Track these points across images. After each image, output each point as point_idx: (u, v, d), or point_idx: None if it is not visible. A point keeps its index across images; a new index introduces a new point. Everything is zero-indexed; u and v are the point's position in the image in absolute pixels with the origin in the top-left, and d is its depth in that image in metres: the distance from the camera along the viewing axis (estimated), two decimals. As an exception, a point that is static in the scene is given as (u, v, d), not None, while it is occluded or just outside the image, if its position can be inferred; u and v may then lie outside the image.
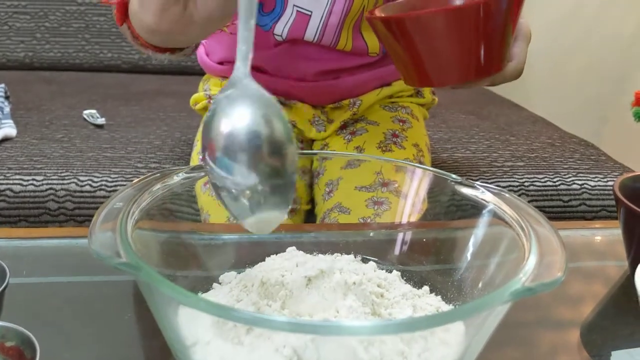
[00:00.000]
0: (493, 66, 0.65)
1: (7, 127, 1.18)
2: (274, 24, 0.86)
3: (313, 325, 0.37)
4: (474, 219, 0.52)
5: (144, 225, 0.47)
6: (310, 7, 0.85)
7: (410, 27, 0.62)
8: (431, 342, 0.42)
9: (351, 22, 0.88)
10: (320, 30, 0.86)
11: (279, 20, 0.86)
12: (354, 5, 0.85)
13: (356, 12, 0.86)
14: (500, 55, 0.65)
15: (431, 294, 0.51)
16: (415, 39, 0.63)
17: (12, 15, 1.64)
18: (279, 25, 0.86)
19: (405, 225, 0.59)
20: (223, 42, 0.95)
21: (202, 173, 0.54)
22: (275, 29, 0.87)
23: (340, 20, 0.86)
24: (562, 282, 0.40)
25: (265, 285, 0.46)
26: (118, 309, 0.53)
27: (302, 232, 0.62)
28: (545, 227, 0.46)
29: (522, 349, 0.53)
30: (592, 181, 1.11)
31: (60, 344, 0.49)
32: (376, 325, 0.39)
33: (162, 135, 1.24)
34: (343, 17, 0.85)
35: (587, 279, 0.65)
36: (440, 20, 0.61)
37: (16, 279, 0.50)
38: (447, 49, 0.63)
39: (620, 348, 0.51)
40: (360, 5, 0.86)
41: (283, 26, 0.86)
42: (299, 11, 0.85)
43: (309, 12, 0.85)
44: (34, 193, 1.00)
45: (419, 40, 0.62)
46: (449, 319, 0.39)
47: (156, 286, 0.38)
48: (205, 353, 0.41)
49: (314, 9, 0.84)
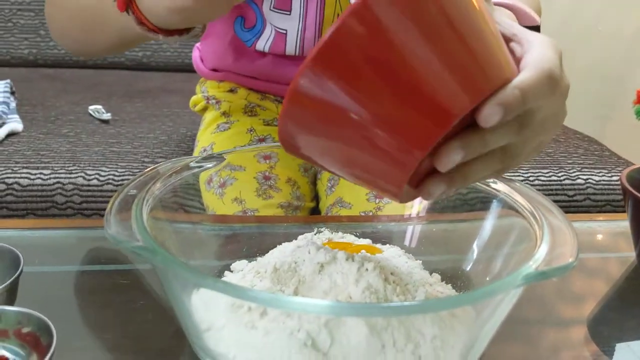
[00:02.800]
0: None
1: (13, 121, 1.19)
2: (255, 40, 0.89)
3: (327, 306, 0.38)
4: (486, 209, 0.52)
5: (158, 214, 0.47)
6: (284, 27, 0.86)
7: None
8: (443, 329, 0.42)
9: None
10: (299, 45, 0.87)
11: (260, 37, 0.88)
12: (325, 15, 0.86)
13: (330, 21, 0.87)
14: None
15: (442, 282, 0.51)
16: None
17: (16, 12, 1.65)
18: (260, 41, 0.88)
19: (415, 217, 0.60)
20: (213, 50, 0.96)
21: (212, 164, 0.55)
22: (257, 45, 0.89)
23: (316, 32, 0.87)
24: (572, 267, 0.40)
25: (278, 271, 0.46)
26: (131, 296, 0.54)
27: (311, 224, 0.63)
28: (558, 218, 0.46)
29: (529, 342, 0.53)
30: (597, 176, 1.12)
31: (75, 330, 0.50)
32: (387, 307, 0.39)
33: (167, 130, 1.24)
34: (318, 29, 0.86)
35: (593, 271, 0.65)
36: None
37: (29, 268, 0.50)
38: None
39: (628, 340, 0.52)
40: (333, 13, 0.86)
41: (264, 43, 0.88)
42: (276, 30, 0.87)
43: (284, 31, 0.87)
44: (41, 187, 1.00)
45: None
46: (462, 302, 0.40)
47: (172, 269, 0.39)
48: (219, 337, 0.42)
49: (288, 28, 0.86)
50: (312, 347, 0.39)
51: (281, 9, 0.86)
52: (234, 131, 0.92)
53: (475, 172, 0.40)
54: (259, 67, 0.92)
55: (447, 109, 0.35)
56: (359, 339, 0.39)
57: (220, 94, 0.98)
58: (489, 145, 0.39)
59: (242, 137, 0.91)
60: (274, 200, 0.79)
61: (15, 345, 0.43)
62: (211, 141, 0.92)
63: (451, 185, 0.40)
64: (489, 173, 0.42)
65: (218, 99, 0.97)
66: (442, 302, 0.40)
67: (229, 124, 0.94)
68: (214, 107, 0.97)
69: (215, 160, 0.55)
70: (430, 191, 0.40)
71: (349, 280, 0.44)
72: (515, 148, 0.41)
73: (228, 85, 0.98)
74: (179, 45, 1.71)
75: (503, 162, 0.41)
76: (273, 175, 0.80)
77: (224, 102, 0.96)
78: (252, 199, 0.78)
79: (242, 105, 0.95)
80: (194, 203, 0.54)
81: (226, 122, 0.94)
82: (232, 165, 0.61)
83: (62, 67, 1.64)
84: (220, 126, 0.94)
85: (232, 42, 0.91)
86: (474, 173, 0.40)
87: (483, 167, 0.40)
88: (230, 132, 0.93)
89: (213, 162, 0.55)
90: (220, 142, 0.92)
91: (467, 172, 0.40)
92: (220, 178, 0.71)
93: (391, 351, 0.40)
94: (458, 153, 0.37)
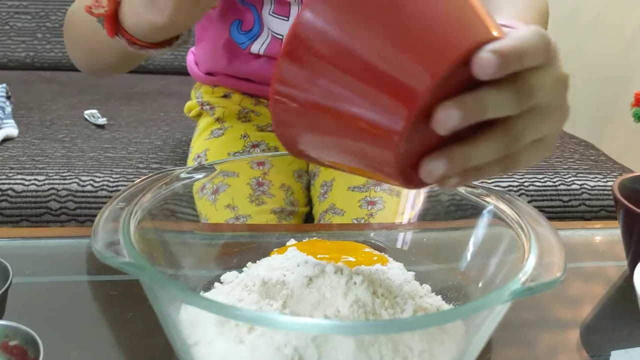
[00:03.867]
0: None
1: (8, 127, 1.19)
2: (250, 43, 0.89)
3: (313, 325, 0.38)
4: (474, 219, 0.52)
5: (146, 225, 0.47)
6: (282, 32, 0.87)
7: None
8: (431, 342, 0.42)
9: None
10: None
11: (255, 41, 0.89)
12: None
13: None
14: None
15: (432, 293, 0.51)
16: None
17: (13, 15, 1.65)
18: (255, 45, 0.89)
19: (406, 225, 0.60)
20: (207, 53, 0.97)
21: (202, 174, 0.55)
22: (252, 48, 0.89)
23: None
24: (561, 282, 0.40)
25: (267, 284, 0.46)
26: (120, 308, 0.53)
27: (303, 232, 0.63)
28: (545, 228, 0.46)
29: (522, 349, 0.53)
30: (592, 181, 1.12)
31: (63, 343, 0.50)
32: (375, 325, 0.39)
33: (163, 135, 1.24)
34: None
35: (587, 279, 0.65)
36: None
37: (19, 279, 0.50)
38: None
39: (619, 348, 0.52)
40: None
41: (259, 46, 0.89)
42: (273, 35, 0.87)
43: (280, 36, 0.88)
44: (35, 193, 1.00)
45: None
46: (449, 318, 0.40)
47: (159, 285, 0.39)
48: (207, 352, 0.42)
49: (284, 33, 0.86)
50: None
51: (280, 15, 0.86)
52: (228, 137, 0.93)
53: (478, 152, 0.38)
54: (253, 68, 0.92)
55: (442, 53, 0.35)
56: (346, 355, 0.39)
57: (214, 99, 0.98)
58: (486, 107, 0.36)
59: (235, 143, 0.91)
60: (267, 206, 0.79)
61: (2, 359, 0.43)
62: (205, 147, 0.93)
63: (451, 162, 0.37)
64: (494, 160, 0.39)
65: (212, 105, 0.97)
66: (429, 318, 0.40)
67: (223, 129, 0.94)
68: (208, 112, 0.98)
69: (206, 171, 0.55)
70: (430, 169, 0.37)
71: (337, 293, 0.44)
72: (516, 128, 0.39)
73: (222, 91, 0.98)
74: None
75: (506, 146, 0.39)
76: (266, 181, 0.80)
77: (218, 108, 0.96)
78: (245, 205, 0.78)
79: (236, 111, 0.95)
80: (185, 212, 0.54)
81: (220, 128, 0.94)
82: (226, 172, 0.61)
83: (59, 70, 1.64)
84: (214, 132, 0.94)
85: (227, 44, 0.92)
86: (475, 152, 0.38)
87: (486, 148, 0.38)
88: (224, 138, 0.93)
89: (204, 172, 0.55)
90: (214, 148, 0.92)
91: (469, 151, 0.38)
92: (213, 185, 0.71)
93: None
94: (453, 110, 0.35)
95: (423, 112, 0.35)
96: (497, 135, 0.38)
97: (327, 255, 0.51)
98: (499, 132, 0.38)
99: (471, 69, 0.35)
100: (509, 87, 0.37)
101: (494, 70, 0.35)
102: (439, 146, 0.37)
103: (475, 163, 0.38)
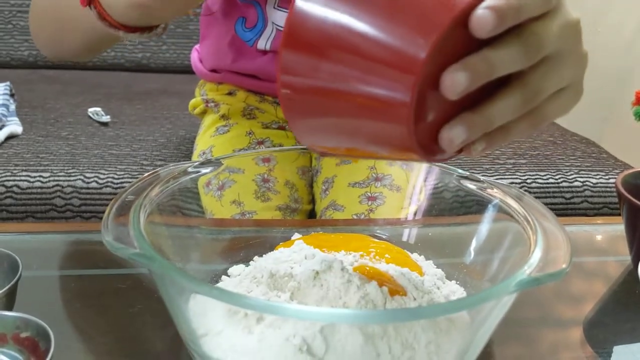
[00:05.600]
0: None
1: (13, 124, 1.19)
2: (256, 40, 0.90)
3: (322, 313, 0.38)
4: (480, 213, 0.52)
5: (155, 219, 0.47)
6: None
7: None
8: (437, 334, 0.43)
9: None
10: None
11: (261, 36, 0.90)
12: None
13: None
14: None
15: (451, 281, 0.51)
16: None
17: (15, 14, 1.65)
18: (262, 40, 0.90)
19: (410, 220, 0.60)
20: (212, 50, 0.97)
21: (209, 169, 0.55)
22: (258, 44, 0.90)
23: None
24: (565, 274, 0.41)
25: (275, 277, 0.46)
26: (129, 300, 0.54)
27: (308, 228, 0.63)
28: (551, 223, 0.46)
29: (525, 345, 0.53)
30: (594, 178, 1.12)
31: (73, 335, 0.50)
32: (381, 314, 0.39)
33: (166, 133, 1.25)
34: None
35: (590, 274, 0.65)
36: None
37: (27, 272, 0.50)
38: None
39: (622, 343, 0.52)
40: None
41: (265, 41, 0.90)
42: (277, 29, 0.88)
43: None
44: (40, 189, 1.01)
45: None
46: (456, 308, 0.40)
47: (169, 276, 0.39)
48: (216, 343, 0.42)
49: None
50: (307, 352, 0.40)
51: (285, 8, 0.86)
52: (233, 134, 0.93)
53: (497, 111, 0.36)
54: (260, 65, 0.92)
55: (437, 17, 0.34)
56: (354, 348, 0.40)
57: (219, 96, 0.98)
58: (493, 64, 0.35)
59: (240, 140, 0.92)
60: (272, 203, 0.80)
61: (13, 350, 0.44)
62: (210, 144, 0.93)
63: (472, 126, 0.35)
64: (519, 118, 0.37)
65: (217, 102, 0.98)
66: (436, 308, 0.41)
67: (228, 127, 0.94)
68: (213, 110, 0.98)
69: (212, 166, 0.55)
70: (450, 136, 0.35)
71: (343, 287, 0.44)
72: (533, 80, 0.37)
73: (227, 88, 0.98)
74: (178, 46, 1.71)
75: (526, 100, 0.37)
76: (272, 177, 0.81)
77: (223, 105, 0.97)
78: (251, 202, 0.78)
79: (241, 108, 0.96)
80: (192, 207, 0.55)
81: (225, 125, 0.95)
82: (231, 168, 0.61)
83: (62, 69, 1.65)
84: (219, 129, 0.95)
85: (233, 42, 0.92)
86: (495, 111, 0.36)
87: (505, 106, 0.36)
88: (229, 135, 0.93)
89: (210, 167, 0.55)
90: (219, 145, 0.92)
91: (488, 111, 0.36)
92: (219, 181, 0.71)
93: (387, 359, 0.40)
94: (460, 72, 0.34)
95: (431, 80, 0.35)
96: (514, 91, 0.37)
97: (357, 252, 0.51)
98: (516, 88, 0.37)
99: (470, 31, 0.34)
100: (515, 41, 0.36)
101: (493, 26, 0.34)
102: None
103: (497, 123, 0.37)
